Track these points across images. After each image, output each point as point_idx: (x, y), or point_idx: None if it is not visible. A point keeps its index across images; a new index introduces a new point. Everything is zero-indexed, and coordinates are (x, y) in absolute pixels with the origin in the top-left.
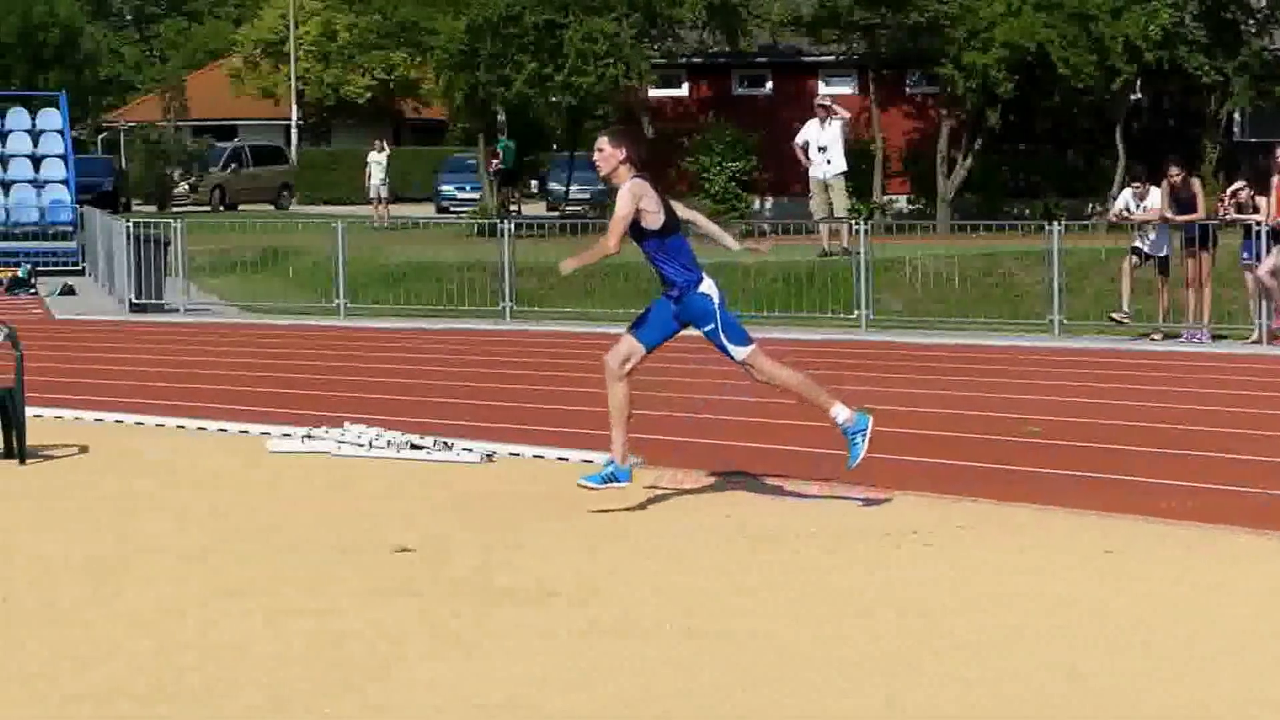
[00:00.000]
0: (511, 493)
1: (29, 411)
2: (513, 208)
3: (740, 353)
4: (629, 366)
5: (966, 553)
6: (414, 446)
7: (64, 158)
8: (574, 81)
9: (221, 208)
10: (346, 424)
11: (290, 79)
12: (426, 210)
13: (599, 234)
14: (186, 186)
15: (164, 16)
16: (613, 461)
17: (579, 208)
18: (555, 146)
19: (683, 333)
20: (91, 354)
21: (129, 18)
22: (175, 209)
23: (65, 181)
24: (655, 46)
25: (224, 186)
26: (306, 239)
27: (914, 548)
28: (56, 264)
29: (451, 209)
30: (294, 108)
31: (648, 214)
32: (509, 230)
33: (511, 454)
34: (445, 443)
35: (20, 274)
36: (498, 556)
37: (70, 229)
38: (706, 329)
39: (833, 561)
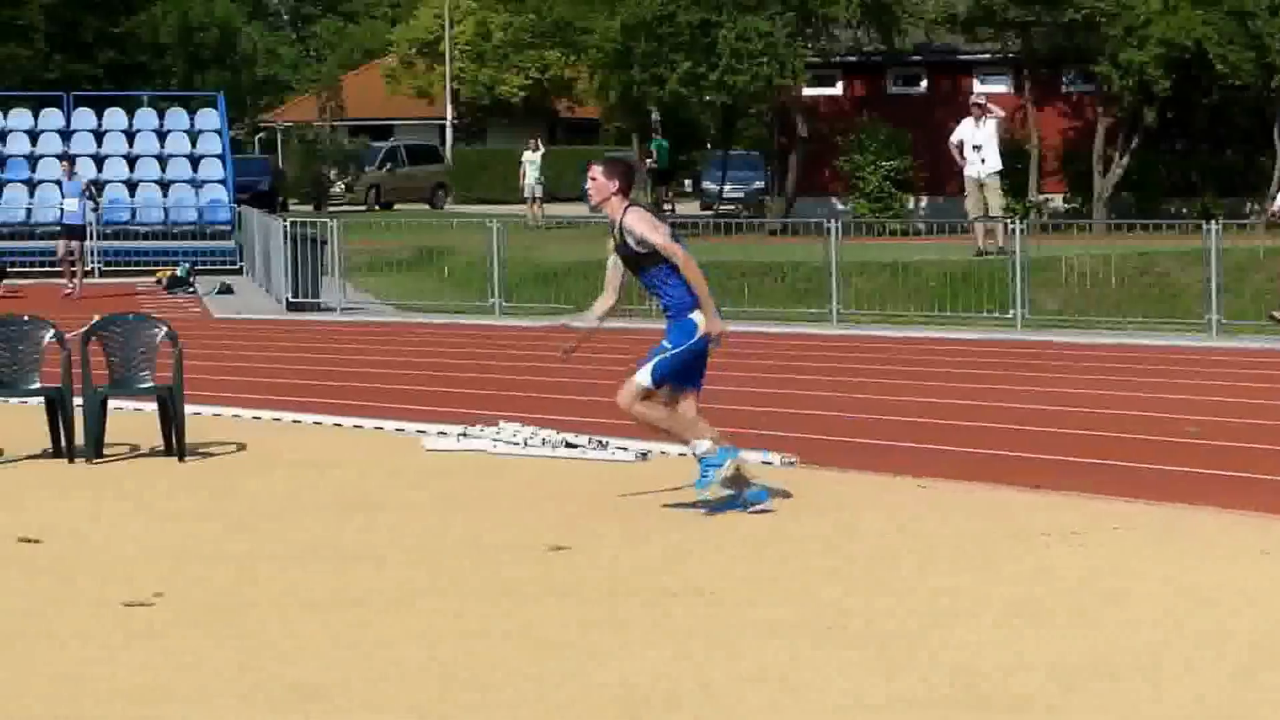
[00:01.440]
0: (666, 492)
1: (188, 409)
2: (666, 207)
3: (641, 377)
4: (647, 401)
5: (1124, 552)
6: (569, 445)
7: (222, 158)
8: (728, 80)
9: (377, 207)
10: (502, 422)
11: (445, 78)
12: (581, 209)
13: (751, 233)
14: (342, 186)
15: (320, 16)
16: (709, 455)
17: (732, 207)
18: (709, 145)
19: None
20: (249, 352)
21: (286, 18)
22: (331, 208)
23: (223, 181)
24: (810, 45)
25: (380, 186)
26: (461, 238)
27: (1069, 548)
28: (215, 263)
29: None
30: (449, 107)
31: (642, 242)
32: None
33: (664, 453)
34: (600, 441)
35: (179, 273)
36: (654, 556)
37: (228, 228)
38: (666, 342)
39: (1006, 562)
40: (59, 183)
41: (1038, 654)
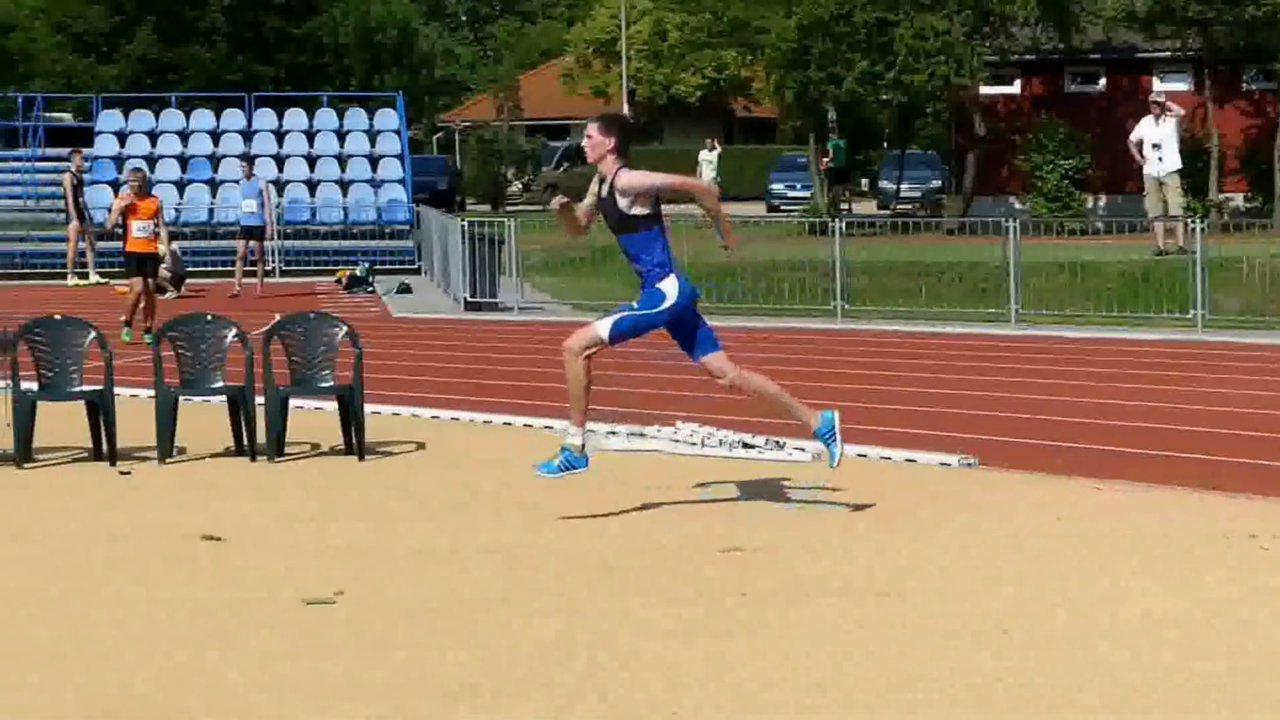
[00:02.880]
0: (842, 493)
1: (368, 408)
2: (844, 206)
3: (601, 328)
4: (738, 370)
5: None
6: (746, 445)
7: (401, 157)
8: (905, 79)
9: None
10: (679, 422)
11: (621, 78)
12: (757, 209)
13: (929, 232)
14: (520, 185)
15: (498, 17)
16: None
17: (910, 206)
18: (886, 145)
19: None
20: (428, 352)
21: (464, 18)
22: (509, 208)
23: (402, 181)
24: (987, 44)
25: (557, 185)
26: None
27: (1247, 550)
28: (393, 262)
29: (782, 207)
30: (625, 106)
31: (638, 201)
32: (840, 229)
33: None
34: (777, 442)
35: (358, 272)
36: (828, 557)
37: (407, 228)
38: (633, 305)
39: (1182, 564)
40: (239, 183)
41: (1229, 659)
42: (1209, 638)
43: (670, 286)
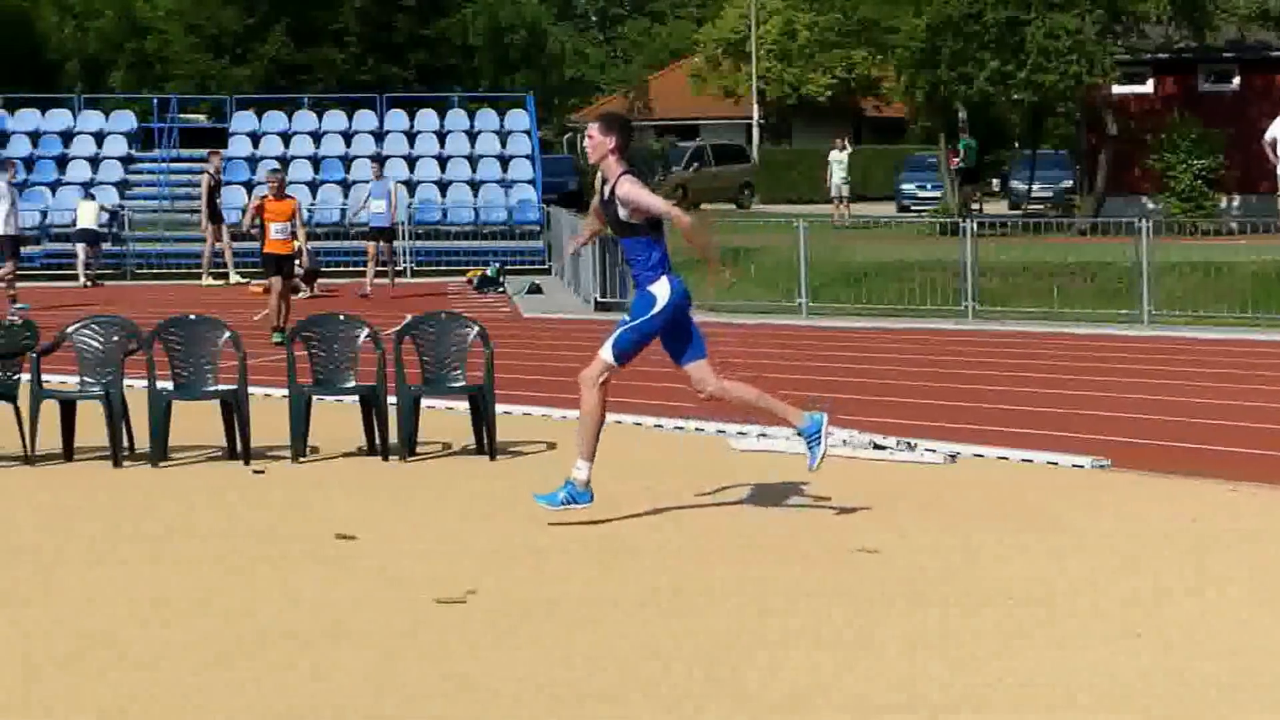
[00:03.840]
0: (973, 494)
1: (499, 409)
2: (974, 206)
3: (605, 354)
4: (719, 381)
5: None
6: (876, 446)
7: (531, 158)
8: (1036, 79)
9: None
10: None
11: (751, 78)
12: (887, 209)
13: (1060, 233)
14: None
15: (627, 17)
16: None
17: (1040, 206)
18: (1016, 144)
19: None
20: (558, 352)
21: (593, 19)
22: None
23: (532, 181)
24: (1119, 42)
25: (687, 186)
26: (768, 238)
27: None
28: (524, 263)
29: (912, 207)
30: (755, 106)
31: (636, 211)
32: (971, 229)
33: (975, 455)
34: (908, 443)
35: (489, 272)
36: (959, 559)
37: (537, 228)
38: (628, 315)
39: None
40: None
41: None
42: None
43: (661, 289)
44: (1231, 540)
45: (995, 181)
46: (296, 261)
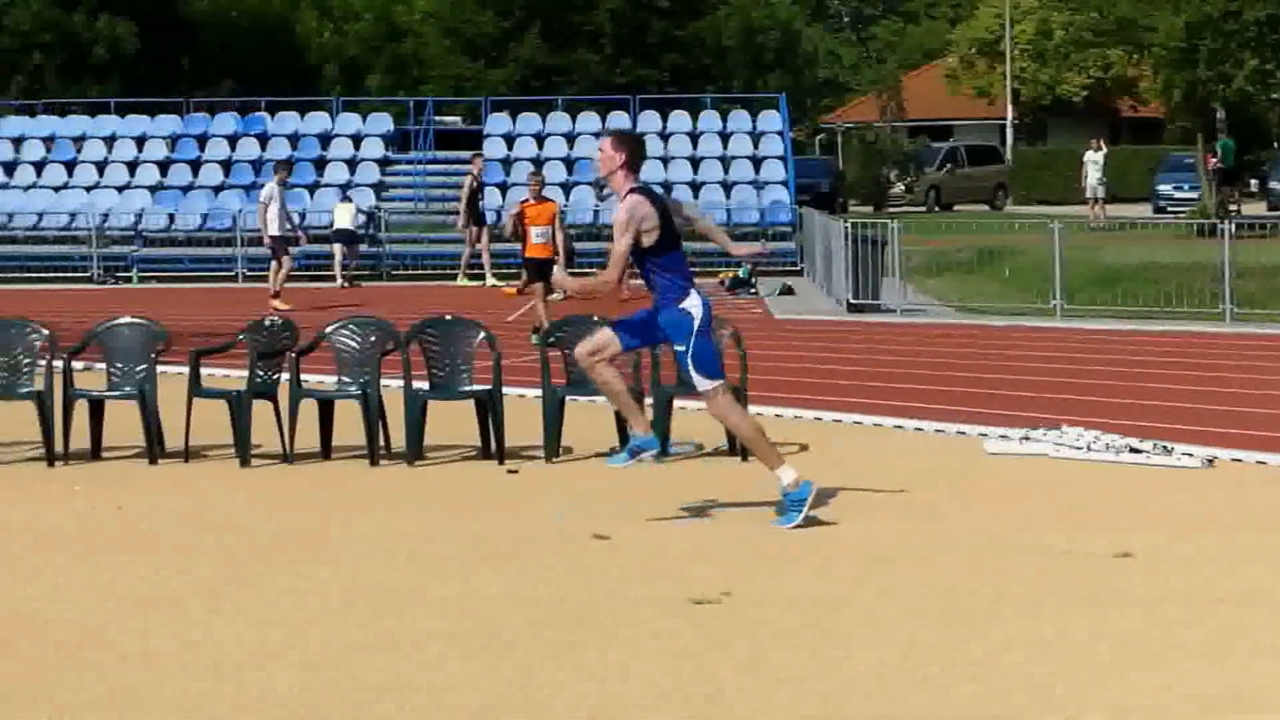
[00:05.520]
0: (1232, 499)
1: (751, 409)
2: (1232, 208)
3: (704, 384)
4: (597, 359)
5: None
6: (1133, 450)
7: (784, 159)
8: None
9: (937, 208)
10: (1064, 426)
11: (1005, 78)
12: (1143, 210)
13: None
14: (902, 187)
15: (880, 17)
16: (633, 438)
17: None
18: (1276, 144)
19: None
20: (810, 353)
21: (846, 19)
22: (890, 209)
23: (785, 183)
24: None
25: (939, 187)
26: (1022, 239)
27: None
28: (776, 264)
29: (1169, 209)
30: (1009, 107)
31: (643, 233)
32: (1229, 230)
33: (1234, 459)
34: (1165, 447)
35: (741, 274)
36: (1215, 564)
37: (789, 229)
38: (678, 348)
39: None
40: None
41: None
42: None
43: (692, 303)
44: None
45: (1254, 182)
46: (555, 264)
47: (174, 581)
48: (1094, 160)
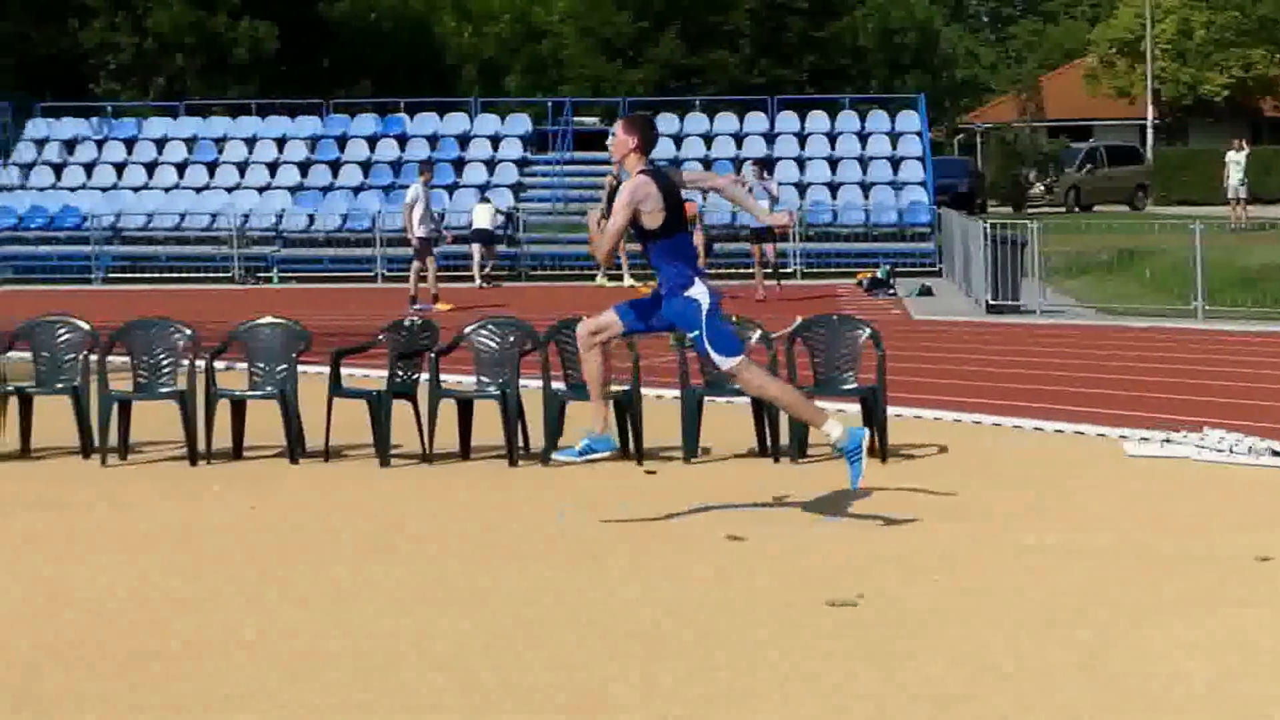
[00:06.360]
0: None
1: (889, 410)
2: None
3: (727, 363)
4: (599, 339)
5: None
6: (1275, 453)
7: (922, 159)
8: None
9: (1076, 209)
10: (1206, 428)
11: (1146, 78)
12: None
13: None
14: (1042, 187)
15: (1020, 17)
16: (591, 432)
17: None
18: None
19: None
20: (949, 354)
21: (985, 19)
22: (1030, 210)
23: (923, 183)
24: None
25: (1079, 187)
26: (1163, 240)
27: None
28: (914, 265)
29: None
30: (1149, 107)
31: (645, 214)
32: None
33: None
34: None
35: (879, 274)
36: None
37: (928, 230)
38: (691, 334)
39: None
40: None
41: None
42: None
43: (698, 291)
44: None
45: None
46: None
47: (341, 577)
48: (1236, 160)
